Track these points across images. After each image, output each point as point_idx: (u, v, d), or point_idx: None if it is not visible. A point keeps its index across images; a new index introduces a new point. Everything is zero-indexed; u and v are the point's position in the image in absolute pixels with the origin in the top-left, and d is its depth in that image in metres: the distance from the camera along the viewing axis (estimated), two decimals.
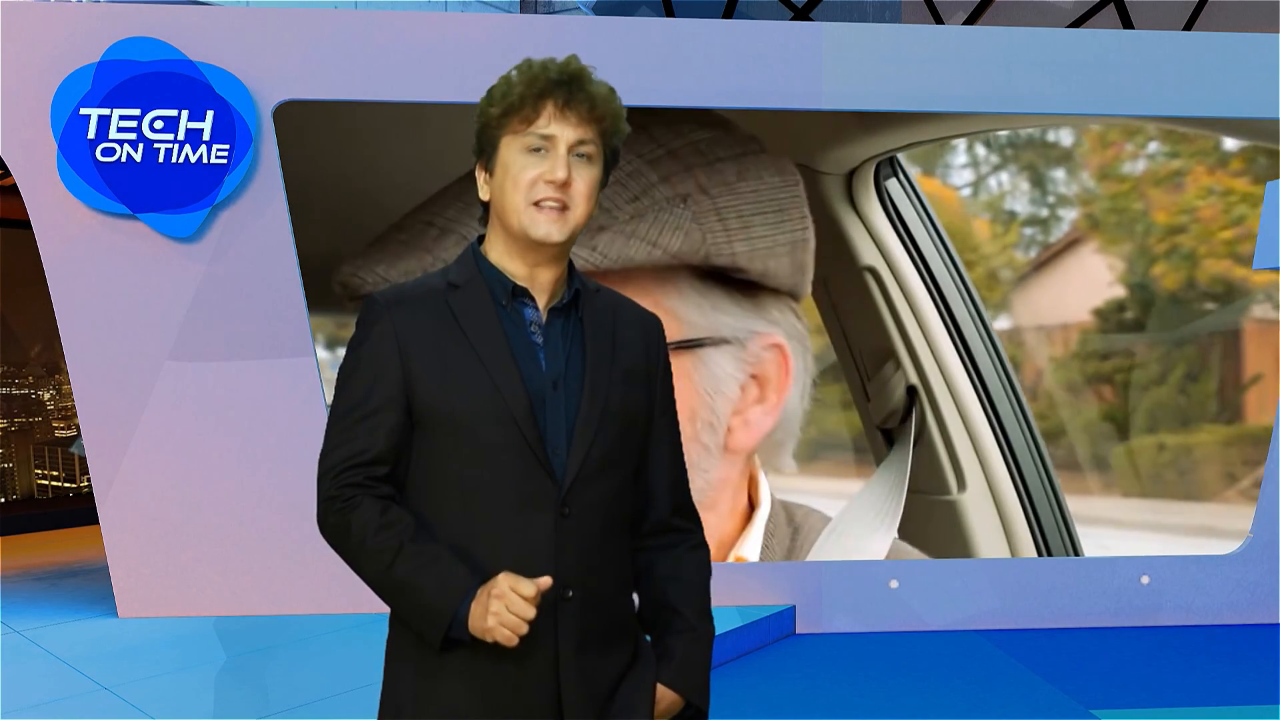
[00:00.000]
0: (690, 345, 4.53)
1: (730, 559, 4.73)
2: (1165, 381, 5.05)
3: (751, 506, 4.78)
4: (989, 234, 5.03)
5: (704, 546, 1.66)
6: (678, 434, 1.65)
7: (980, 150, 5.04)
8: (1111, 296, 5.06)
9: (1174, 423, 5.08)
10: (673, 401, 1.64)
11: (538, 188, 1.44)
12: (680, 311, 4.57)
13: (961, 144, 4.99)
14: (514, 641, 1.35)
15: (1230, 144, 5.06)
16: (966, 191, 5.05)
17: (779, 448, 4.80)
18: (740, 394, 4.66)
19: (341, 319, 4.76)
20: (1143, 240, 5.04)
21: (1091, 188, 5.07)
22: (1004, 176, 5.08)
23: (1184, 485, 5.12)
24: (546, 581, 1.36)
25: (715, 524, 4.62)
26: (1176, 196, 5.05)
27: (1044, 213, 5.06)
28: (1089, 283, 5.06)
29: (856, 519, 4.91)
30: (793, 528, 4.85)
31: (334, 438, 1.48)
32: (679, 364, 4.42)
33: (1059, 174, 5.06)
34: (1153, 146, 5.08)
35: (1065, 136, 5.05)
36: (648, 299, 4.48)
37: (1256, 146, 5.05)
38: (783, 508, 4.84)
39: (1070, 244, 5.06)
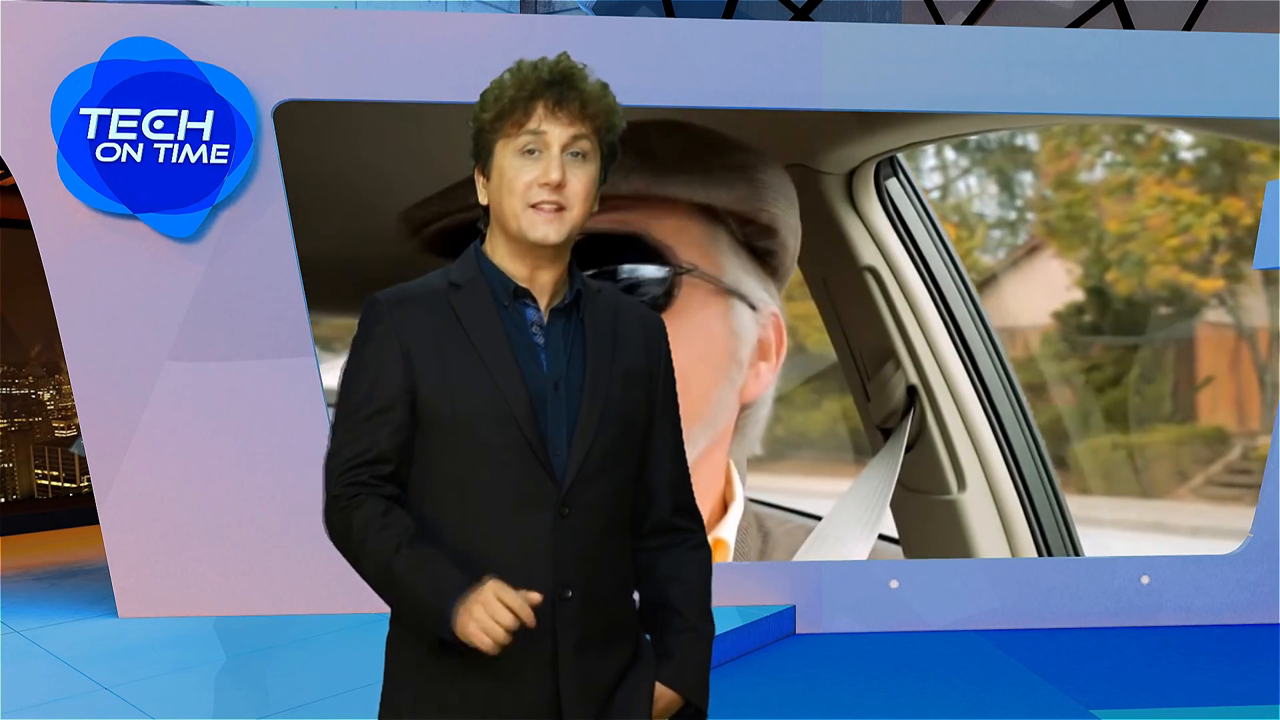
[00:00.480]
0: (727, 291, 4.78)
1: (709, 538, 4.77)
2: (1122, 383, 5.12)
3: (724, 506, 4.90)
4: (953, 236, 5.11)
5: (705, 546, 1.66)
6: (680, 433, 1.64)
7: (949, 154, 5.07)
8: (1071, 300, 5.16)
9: (1132, 423, 5.16)
10: (675, 401, 1.63)
11: (533, 191, 1.44)
12: (724, 259, 4.81)
13: (931, 148, 5.06)
14: (492, 648, 1.32)
15: (1182, 154, 5.12)
16: (935, 194, 5.09)
17: (757, 425, 4.93)
18: (752, 350, 4.88)
19: (315, 318, 4.77)
20: (1096, 247, 5.10)
21: (1048, 195, 5.11)
22: (970, 180, 5.11)
23: (1139, 483, 5.17)
24: (536, 597, 1.35)
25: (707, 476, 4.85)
26: (1127, 205, 5.09)
27: (1010, 216, 5.11)
28: (1053, 288, 5.16)
29: (841, 518, 4.95)
30: (763, 534, 4.96)
31: (340, 437, 1.49)
32: (717, 305, 4.76)
33: (1025, 178, 5.10)
34: (1106, 157, 5.12)
35: (1032, 143, 5.09)
36: (696, 245, 4.74)
37: (1210, 157, 5.12)
38: (753, 515, 4.91)
39: (1030, 250, 5.13)
